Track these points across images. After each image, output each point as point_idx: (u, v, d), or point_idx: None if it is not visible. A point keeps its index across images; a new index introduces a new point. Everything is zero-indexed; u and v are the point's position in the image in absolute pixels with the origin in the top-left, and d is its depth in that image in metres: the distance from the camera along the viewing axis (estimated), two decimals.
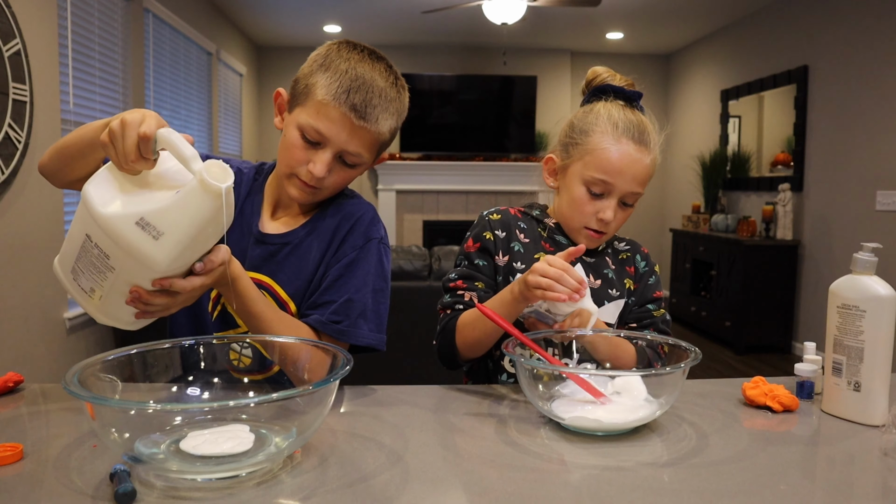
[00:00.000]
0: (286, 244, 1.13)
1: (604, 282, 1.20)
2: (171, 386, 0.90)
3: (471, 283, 1.18)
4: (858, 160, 4.09)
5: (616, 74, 1.21)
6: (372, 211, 1.17)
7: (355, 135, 1.04)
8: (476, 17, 5.30)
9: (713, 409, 0.99)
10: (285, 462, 0.77)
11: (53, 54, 2.76)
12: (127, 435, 0.72)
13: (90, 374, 0.78)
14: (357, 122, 1.03)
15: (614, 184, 1.12)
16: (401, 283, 2.85)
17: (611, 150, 1.11)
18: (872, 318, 0.91)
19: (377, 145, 1.09)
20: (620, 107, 1.16)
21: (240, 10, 5.39)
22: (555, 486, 0.72)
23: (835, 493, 0.72)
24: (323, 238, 1.13)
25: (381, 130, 1.06)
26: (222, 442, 0.74)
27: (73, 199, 3.05)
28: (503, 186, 6.56)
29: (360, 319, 1.09)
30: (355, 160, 1.07)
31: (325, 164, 1.04)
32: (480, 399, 1.03)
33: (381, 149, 1.12)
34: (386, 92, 1.05)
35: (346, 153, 1.05)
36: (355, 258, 1.11)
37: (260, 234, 1.14)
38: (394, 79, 1.08)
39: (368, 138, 1.06)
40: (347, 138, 1.04)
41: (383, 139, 1.09)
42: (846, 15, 4.18)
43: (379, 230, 1.15)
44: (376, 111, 1.04)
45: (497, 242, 1.20)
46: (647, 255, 1.28)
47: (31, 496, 0.68)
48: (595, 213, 1.14)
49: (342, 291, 1.09)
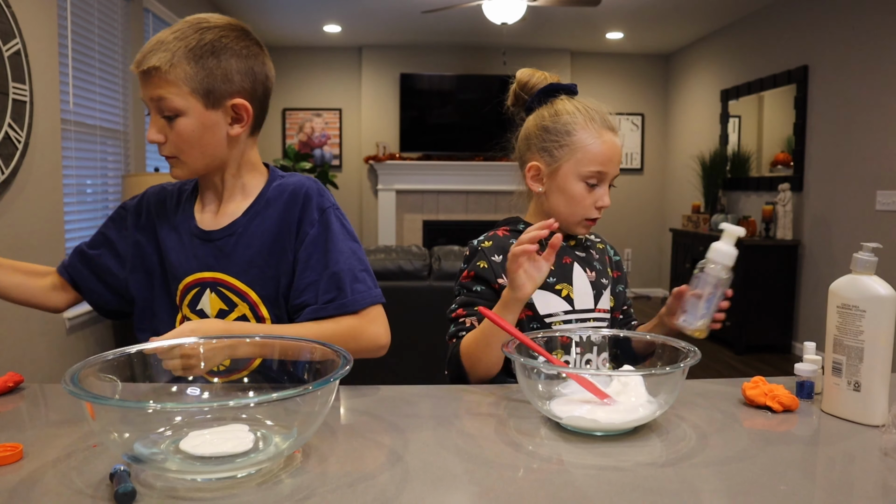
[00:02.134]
0: (230, 235, 1.15)
1: (597, 273, 1.28)
2: (170, 386, 0.91)
3: (470, 310, 1.19)
4: (858, 160, 4.09)
5: (545, 73, 1.30)
6: (313, 182, 1.18)
7: (145, 83, 1.07)
8: (476, 17, 5.30)
9: (713, 409, 0.99)
10: (286, 462, 0.77)
11: (53, 54, 2.76)
12: (127, 435, 0.72)
13: (90, 374, 0.78)
14: (137, 71, 1.06)
15: (608, 172, 1.21)
16: (401, 283, 2.85)
17: (598, 142, 1.19)
18: (872, 318, 0.91)
19: (175, 84, 1.05)
20: (584, 101, 1.23)
21: (240, 10, 5.39)
22: (554, 487, 0.72)
23: (835, 493, 0.72)
24: (272, 222, 1.14)
25: (154, 64, 1.04)
26: (222, 442, 0.74)
27: (73, 199, 3.05)
28: (503, 186, 6.56)
29: (355, 284, 1.11)
30: (171, 108, 1.06)
31: (153, 126, 1.09)
32: (480, 399, 1.03)
33: (198, 89, 1.07)
34: (163, 36, 1.06)
35: (159, 107, 1.07)
36: (318, 233, 1.13)
37: (201, 231, 1.16)
38: (197, 32, 1.07)
39: (155, 80, 1.05)
40: (143, 90, 1.08)
41: (172, 76, 1.05)
42: (846, 15, 4.18)
43: (328, 198, 1.17)
44: (148, 54, 1.05)
45: (494, 268, 1.22)
46: (605, 240, 1.41)
47: (31, 496, 0.68)
48: (594, 203, 1.21)
49: (321, 268, 1.11)
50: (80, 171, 3.12)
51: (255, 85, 1.12)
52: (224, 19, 1.12)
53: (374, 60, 6.56)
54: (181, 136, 1.08)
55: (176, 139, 1.09)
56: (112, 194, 3.44)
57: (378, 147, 6.56)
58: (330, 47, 6.62)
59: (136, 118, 3.68)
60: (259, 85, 1.13)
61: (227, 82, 1.08)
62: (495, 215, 6.65)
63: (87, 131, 3.17)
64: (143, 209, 1.22)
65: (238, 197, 1.18)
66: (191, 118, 1.07)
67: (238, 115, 1.11)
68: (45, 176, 2.71)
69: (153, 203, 1.22)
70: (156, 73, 1.05)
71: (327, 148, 6.73)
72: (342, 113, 6.71)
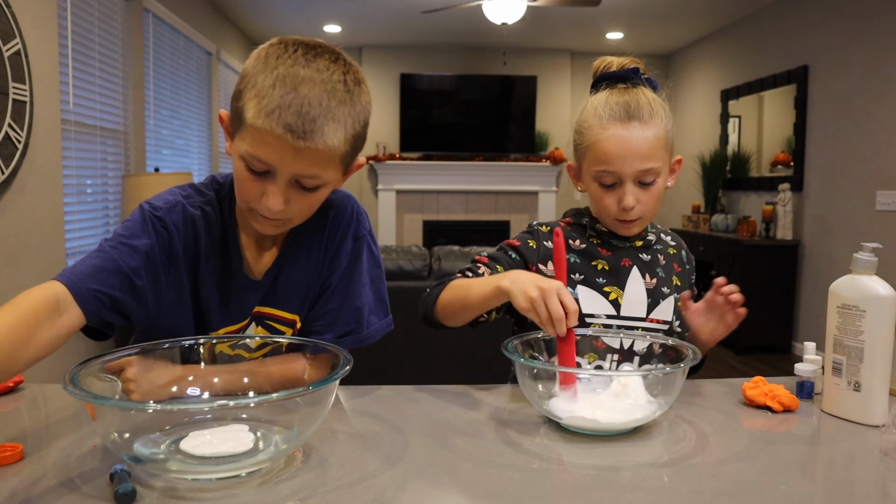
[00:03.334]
0: (278, 271, 1.04)
1: (658, 280, 1.19)
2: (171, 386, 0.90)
3: (493, 264, 1.16)
4: (858, 160, 4.09)
5: (617, 59, 1.18)
6: (353, 204, 1.09)
7: (301, 157, 0.86)
8: (476, 17, 5.30)
9: (713, 409, 0.99)
10: (286, 462, 0.77)
11: (53, 54, 2.76)
12: (127, 435, 0.72)
13: (90, 375, 0.78)
14: (297, 143, 0.84)
15: (617, 170, 1.10)
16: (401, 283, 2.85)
17: (602, 140, 1.10)
18: (872, 318, 0.91)
19: (336, 160, 0.90)
20: (610, 93, 1.13)
21: (240, 10, 5.39)
22: (554, 487, 0.72)
23: (835, 493, 0.72)
24: (310, 247, 1.05)
25: (332, 145, 0.87)
26: (222, 442, 0.74)
27: (74, 199, 3.05)
28: (503, 186, 6.56)
29: (371, 317, 1.08)
30: (314, 182, 0.91)
31: (280, 195, 0.89)
32: (480, 399, 1.03)
33: (347, 161, 0.93)
34: (327, 99, 0.86)
35: (301, 177, 0.89)
36: (349, 263, 1.06)
37: (252, 283, 1.03)
38: (340, 75, 0.89)
39: (319, 157, 0.87)
40: (292, 162, 0.87)
41: (341, 152, 0.89)
42: (846, 15, 4.18)
43: (364, 224, 1.09)
44: (317, 124, 0.85)
45: (541, 252, 1.18)
46: (689, 252, 1.30)
47: (31, 496, 0.68)
48: (617, 203, 1.12)
49: (343, 297, 1.06)
50: (80, 171, 3.12)
51: None
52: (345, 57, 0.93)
53: (374, 60, 6.56)
54: (311, 206, 0.95)
55: (306, 207, 0.95)
56: (112, 194, 3.44)
57: (378, 147, 6.56)
58: None
59: (136, 118, 3.68)
60: None
61: (362, 146, 0.97)
62: (495, 215, 6.65)
63: (87, 131, 3.17)
64: (175, 251, 0.98)
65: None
66: (328, 187, 0.95)
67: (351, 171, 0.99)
68: (45, 176, 2.71)
69: (184, 242, 0.99)
70: (320, 151, 0.87)
71: None
72: None
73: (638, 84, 1.15)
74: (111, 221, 3.45)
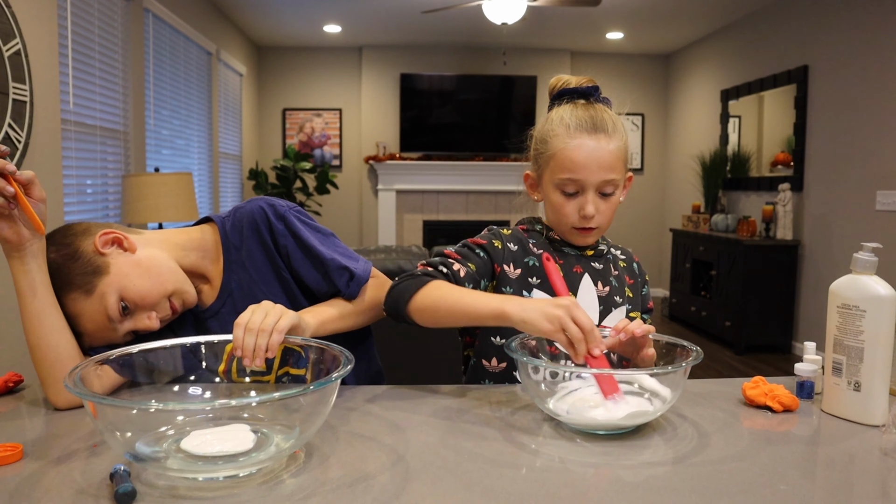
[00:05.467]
0: (229, 296, 1.14)
1: (610, 289, 1.22)
2: (172, 385, 0.91)
3: (464, 261, 1.15)
4: (858, 160, 4.09)
5: (574, 77, 1.22)
6: (259, 200, 1.18)
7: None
8: (476, 17, 5.30)
9: (713, 408, 0.99)
10: (287, 462, 0.77)
11: (53, 54, 2.76)
12: (129, 434, 0.73)
13: (92, 374, 0.78)
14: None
15: (582, 179, 1.13)
16: None
17: (568, 148, 1.13)
18: (872, 318, 0.91)
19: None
20: (574, 106, 1.17)
21: (240, 10, 5.39)
22: (555, 486, 0.72)
23: (835, 493, 0.72)
24: (252, 259, 1.15)
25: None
26: (224, 441, 0.75)
27: (74, 199, 3.05)
28: (503, 186, 6.56)
29: (349, 262, 1.17)
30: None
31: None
32: (480, 398, 1.03)
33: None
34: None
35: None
36: (293, 240, 1.15)
37: (204, 311, 1.15)
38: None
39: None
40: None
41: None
42: (846, 15, 4.18)
43: (279, 204, 1.17)
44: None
45: (506, 253, 1.19)
46: (640, 264, 1.33)
47: (31, 496, 0.68)
48: (577, 212, 1.15)
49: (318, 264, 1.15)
50: (80, 171, 3.12)
51: None
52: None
53: (374, 60, 6.56)
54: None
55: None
56: (112, 194, 3.44)
57: (378, 147, 6.56)
58: (330, 47, 6.62)
59: (136, 118, 3.68)
60: None
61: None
62: (495, 215, 6.65)
63: (87, 131, 3.17)
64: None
65: (213, 260, 1.17)
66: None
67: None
68: (45, 176, 2.71)
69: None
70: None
71: (327, 148, 6.73)
72: (342, 113, 6.71)
73: (596, 101, 1.20)
74: (111, 222, 3.45)
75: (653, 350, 1.00)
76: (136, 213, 3.14)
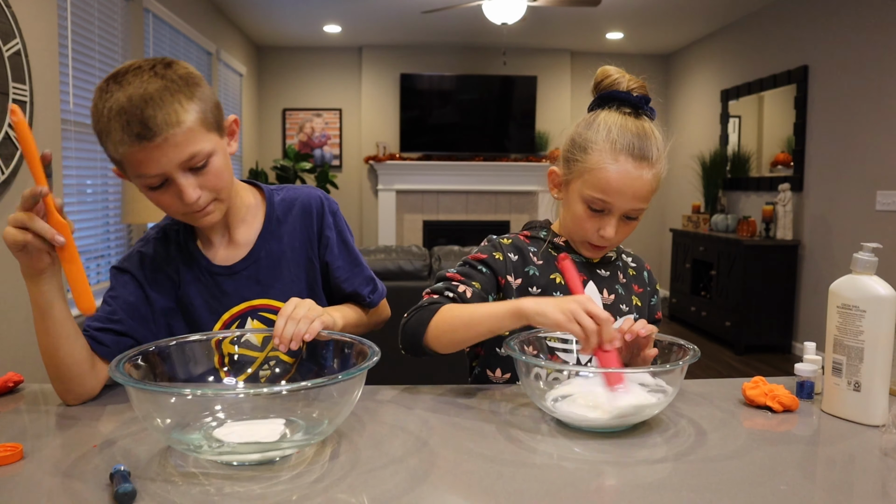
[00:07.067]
0: (255, 262, 1.15)
1: (616, 297, 1.19)
2: (207, 376, 0.96)
3: (468, 281, 1.13)
4: (858, 160, 4.09)
5: (626, 76, 1.15)
6: (318, 191, 1.23)
7: (162, 151, 0.95)
8: (476, 17, 5.30)
9: (713, 408, 0.99)
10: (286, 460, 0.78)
11: (53, 54, 2.76)
12: (168, 421, 0.77)
13: (129, 364, 0.82)
14: (145, 144, 0.94)
15: (613, 203, 1.08)
16: (401, 283, 2.85)
17: (609, 169, 1.06)
18: (872, 318, 0.91)
19: (195, 132, 0.97)
20: (622, 117, 1.10)
21: (240, 10, 5.39)
22: (555, 484, 0.72)
23: (835, 493, 0.72)
24: (291, 238, 1.18)
25: (172, 130, 0.95)
26: (254, 431, 0.80)
27: (73, 199, 3.05)
28: (503, 186, 6.56)
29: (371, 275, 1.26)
30: (205, 155, 1.00)
31: (189, 189, 1.00)
32: (481, 397, 1.03)
33: (210, 122, 1.01)
34: (146, 91, 0.94)
35: (192, 164, 0.99)
36: (337, 235, 1.20)
37: (222, 268, 1.14)
38: (147, 77, 0.96)
39: (179, 139, 0.96)
40: (159, 161, 0.96)
41: (188, 126, 0.96)
42: (846, 15, 4.18)
43: (333, 201, 1.24)
44: (149, 121, 0.94)
45: (508, 264, 1.16)
46: (651, 273, 1.29)
47: (31, 496, 0.68)
48: (596, 230, 1.11)
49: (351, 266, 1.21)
50: (80, 171, 3.12)
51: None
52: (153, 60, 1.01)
53: (374, 60, 6.56)
54: (218, 176, 1.03)
55: (214, 182, 1.02)
56: (112, 194, 3.44)
57: (378, 147, 6.56)
58: (330, 47, 6.62)
59: None
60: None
61: (217, 106, 1.04)
62: (495, 215, 6.65)
63: (87, 131, 3.17)
64: (146, 265, 1.13)
65: (243, 221, 1.17)
66: (218, 154, 1.02)
67: (232, 130, 1.09)
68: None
69: (155, 256, 1.14)
70: (174, 135, 0.95)
71: (327, 148, 6.73)
72: (342, 113, 6.71)
73: (642, 114, 1.13)
74: (111, 221, 3.45)
75: (655, 350, 1.00)
76: (136, 213, 3.14)
